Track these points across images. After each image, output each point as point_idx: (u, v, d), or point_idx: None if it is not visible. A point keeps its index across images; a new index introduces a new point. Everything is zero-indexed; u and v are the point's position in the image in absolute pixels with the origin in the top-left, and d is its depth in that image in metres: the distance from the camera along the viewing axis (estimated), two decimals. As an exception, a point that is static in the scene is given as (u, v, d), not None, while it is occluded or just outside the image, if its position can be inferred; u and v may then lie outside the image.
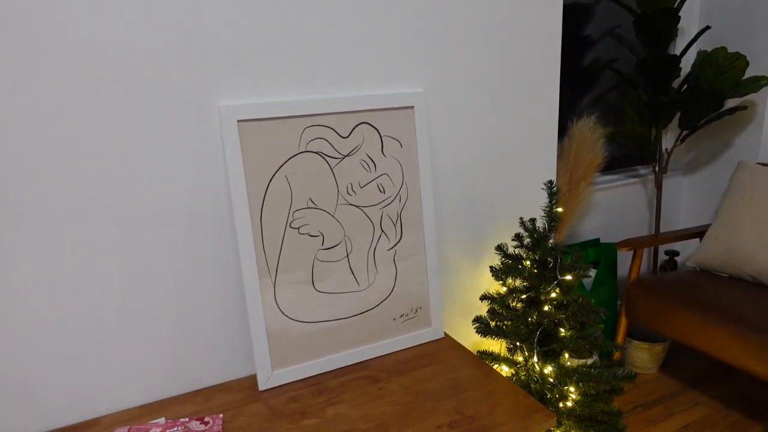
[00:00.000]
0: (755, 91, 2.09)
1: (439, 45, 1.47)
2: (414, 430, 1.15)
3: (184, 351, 1.31)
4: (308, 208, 1.34)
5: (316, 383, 1.35)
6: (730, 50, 2.22)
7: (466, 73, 1.53)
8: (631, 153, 2.68)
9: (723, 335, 1.75)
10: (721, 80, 2.11)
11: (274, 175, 1.29)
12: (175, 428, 1.14)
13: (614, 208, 2.54)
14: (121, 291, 1.22)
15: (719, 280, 2.04)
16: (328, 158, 1.35)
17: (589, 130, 2.03)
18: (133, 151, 1.17)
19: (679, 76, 2.26)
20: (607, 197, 2.50)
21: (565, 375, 1.42)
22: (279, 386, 1.33)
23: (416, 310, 1.51)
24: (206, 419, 1.18)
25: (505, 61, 1.58)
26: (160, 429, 1.14)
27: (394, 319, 1.49)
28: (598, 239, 2.46)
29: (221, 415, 1.20)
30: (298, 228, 1.33)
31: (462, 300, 1.69)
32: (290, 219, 1.32)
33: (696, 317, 1.83)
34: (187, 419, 1.18)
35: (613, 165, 2.64)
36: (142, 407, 1.26)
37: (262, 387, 1.31)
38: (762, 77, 2.11)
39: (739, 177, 2.12)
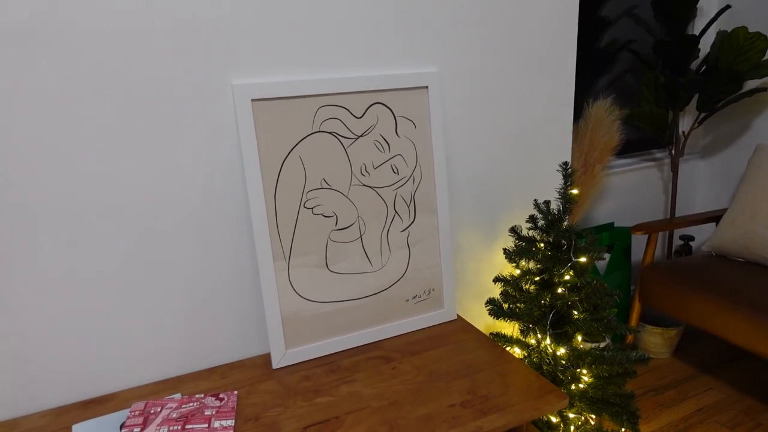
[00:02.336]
0: (776, 73, 2.04)
1: (454, 25, 1.45)
2: (427, 408, 1.15)
3: (200, 330, 1.32)
4: (322, 188, 1.34)
5: (329, 362, 1.36)
6: (750, 30, 2.17)
7: (481, 54, 1.51)
8: (646, 136, 2.65)
9: (739, 320, 1.73)
10: (740, 61, 2.07)
11: (288, 154, 1.29)
12: (191, 404, 1.16)
13: (629, 192, 2.51)
14: (139, 272, 1.23)
15: (735, 265, 2.02)
16: (341, 138, 1.34)
17: (605, 112, 2.01)
18: (147, 132, 1.18)
19: (697, 57, 2.21)
20: (623, 181, 2.48)
21: (577, 357, 1.42)
22: (293, 365, 1.35)
23: (429, 292, 1.52)
24: (221, 395, 1.20)
25: (521, 42, 1.56)
26: (176, 404, 1.16)
27: (407, 301, 1.49)
28: (612, 223, 2.44)
29: (236, 392, 1.22)
30: (312, 208, 1.34)
31: (475, 282, 1.69)
32: (304, 199, 1.32)
33: (711, 302, 1.82)
34: (202, 395, 1.20)
35: (628, 148, 2.60)
36: (158, 383, 1.28)
37: (275, 365, 1.33)
38: (784, 58, 2.07)
39: (757, 160, 2.08)
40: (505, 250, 1.50)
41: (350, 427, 1.10)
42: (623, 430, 1.47)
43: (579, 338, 1.47)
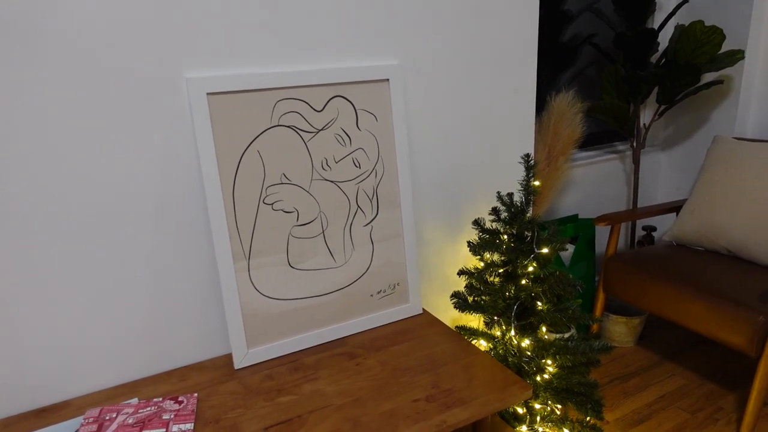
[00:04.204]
0: (731, 65, 2.09)
1: (416, 17, 1.44)
2: (390, 404, 1.14)
3: (158, 331, 1.29)
4: (282, 183, 1.31)
5: (293, 360, 1.33)
6: (707, 24, 2.21)
7: (443, 47, 1.50)
8: (609, 129, 2.68)
9: (699, 308, 1.77)
10: (698, 54, 2.11)
11: (246, 150, 1.26)
12: (149, 408, 1.12)
13: (593, 184, 2.55)
14: (92, 273, 1.18)
15: (695, 253, 2.06)
16: (301, 132, 1.32)
17: (567, 104, 2.02)
18: (98, 129, 1.13)
19: (657, 50, 2.25)
20: (586, 173, 2.51)
21: (542, 348, 1.42)
22: (255, 364, 1.32)
23: (394, 287, 1.50)
24: (180, 398, 1.17)
25: (483, 35, 1.55)
26: (133, 409, 1.12)
27: (372, 296, 1.48)
28: (576, 215, 2.46)
29: (196, 394, 1.19)
30: (272, 204, 1.31)
31: (440, 275, 1.68)
32: (263, 195, 1.29)
33: (672, 290, 1.85)
34: (160, 399, 1.16)
35: (591, 141, 2.64)
36: (114, 388, 1.24)
37: (237, 366, 1.30)
38: (738, 51, 2.11)
39: (715, 151, 2.13)
40: (469, 242, 1.50)
41: (313, 426, 1.09)
42: (588, 418, 1.48)
43: (543, 329, 1.48)
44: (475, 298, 1.51)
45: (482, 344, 1.56)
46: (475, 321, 1.76)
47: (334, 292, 1.42)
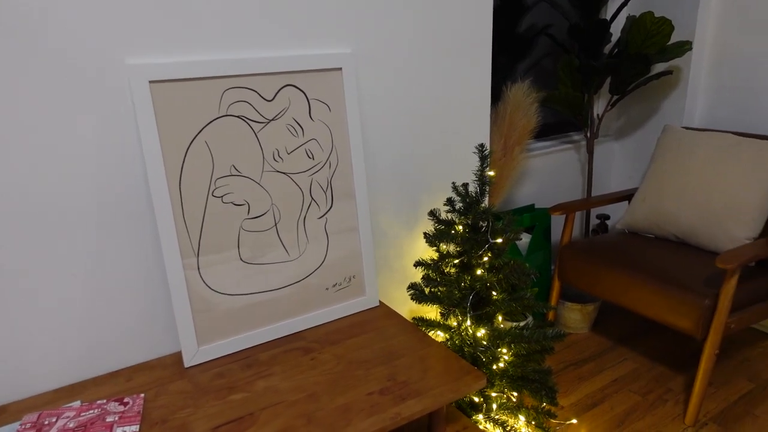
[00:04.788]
0: (680, 56, 2.14)
1: (369, 5, 1.41)
2: (345, 398, 1.13)
3: (103, 330, 1.23)
4: (231, 175, 1.27)
5: (246, 357, 1.30)
6: (656, 15, 2.26)
7: (397, 36, 1.48)
8: (564, 119, 2.72)
9: (649, 293, 1.81)
10: (648, 45, 2.15)
11: (192, 141, 1.21)
12: (91, 411, 1.08)
13: (549, 173, 2.58)
14: (31, 270, 1.12)
15: (646, 240, 2.11)
16: (251, 122, 1.28)
17: (522, 94, 2.04)
18: (29, 120, 1.07)
19: (610, 41, 2.28)
20: (542, 163, 2.54)
21: (497, 337, 1.43)
22: (206, 362, 1.28)
23: (350, 279, 1.49)
24: (126, 400, 1.12)
25: (437, 24, 1.54)
26: (75, 413, 1.07)
27: (327, 289, 1.45)
28: (533, 205, 2.49)
29: (143, 395, 1.14)
30: (221, 197, 1.27)
31: (398, 267, 1.67)
32: (212, 187, 1.25)
33: (623, 277, 1.89)
34: (104, 401, 1.12)
35: (547, 131, 2.67)
36: (55, 391, 1.18)
37: (187, 364, 1.26)
38: (686, 42, 2.16)
39: (664, 141, 2.19)
40: (425, 234, 1.49)
41: (265, 424, 1.06)
42: (543, 404, 1.50)
43: (500, 318, 1.49)
44: (432, 290, 1.51)
45: (440, 335, 1.56)
46: (432, 312, 1.76)
47: (289, 286, 1.39)
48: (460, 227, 1.45)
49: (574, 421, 1.79)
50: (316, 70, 1.35)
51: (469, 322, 1.45)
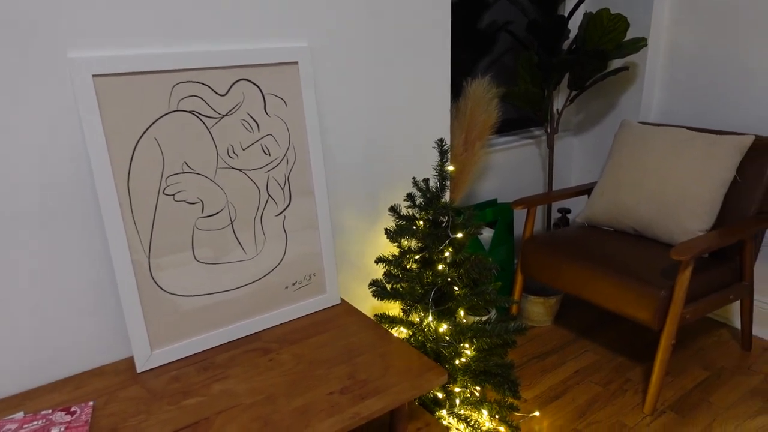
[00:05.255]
0: (635, 52, 2.18)
1: (323, -4, 1.38)
2: (304, 399, 1.10)
3: (48, 337, 1.18)
4: (183, 173, 1.23)
5: (202, 360, 1.26)
6: (612, 11, 2.29)
7: (355, 30, 1.46)
8: (526, 115, 2.75)
9: (607, 285, 1.84)
10: (605, 41, 2.18)
11: (141, 137, 1.17)
12: (35, 422, 1.03)
13: (511, 168, 2.60)
14: (-39, 273, 1.06)
15: (605, 234, 2.15)
16: (204, 118, 1.24)
17: (483, 90, 2.04)
18: (-38, 110, 1.01)
19: (568, 37, 2.31)
20: (504, 158, 2.55)
21: (459, 332, 1.43)
22: (160, 366, 1.24)
23: (310, 277, 1.46)
24: (73, 409, 1.07)
25: (395, 18, 1.52)
26: (17, 425, 1.02)
27: (287, 288, 1.42)
28: (495, 200, 2.51)
29: (91, 403, 1.10)
30: (173, 195, 1.22)
31: (359, 264, 1.65)
32: (163, 185, 1.21)
33: (583, 270, 1.92)
34: (50, 411, 1.07)
35: (509, 127, 2.69)
36: (-3, 402, 1.13)
37: (140, 369, 1.21)
38: (641, 39, 2.20)
39: (621, 135, 2.22)
40: (386, 230, 1.47)
41: (220, 428, 1.03)
42: (506, 398, 1.51)
43: (462, 313, 1.49)
44: (394, 286, 1.49)
45: (403, 331, 1.55)
46: (395, 308, 1.75)
47: (246, 286, 1.36)
48: (421, 223, 1.44)
49: (537, 413, 1.80)
50: (270, 64, 1.31)
51: (431, 318, 1.44)
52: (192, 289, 1.28)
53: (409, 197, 1.44)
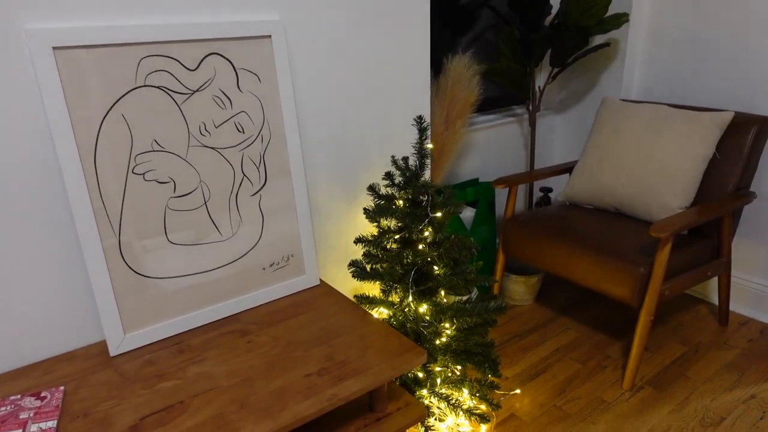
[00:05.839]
0: (617, 28, 2.16)
1: (297, -33, 1.33)
2: (281, 381, 1.08)
3: (16, 320, 1.14)
4: (153, 151, 1.19)
5: (177, 342, 1.24)
6: (595, -12, 2.26)
7: (331, 5, 1.41)
8: (508, 93, 2.72)
9: (587, 263, 1.84)
10: (586, 17, 2.16)
11: (107, 113, 1.12)
12: (3, 408, 1.00)
13: (492, 147, 2.58)
14: None
15: (585, 212, 2.15)
16: (173, 93, 1.19)
17: (464, 67, 2.01)
18: None
19: (550, 13, 2.28)
20: (486, 137, 2.53)
21: (440, 312, 1.42)
22: (134, 350, 1.21)
23: (288, 258, 1.43)
24: (43, 394, 1.04)
25: (372, -11, 1.48)
26: (-17, 411, 0.99)
27: (264, 269, 1.40)
28: (477, 179, 2.49)
29: (62, 388, 1.07)
30: (143, 174, 1.18)
31: (338, 245, 1.63)
32: (132, 164, 1.17)
33: (563, 248, 1.92)
34: (18, 396, 1.03)
35: (490, 105, 2.66)
36: (-37, 389, 1.09)
37: (113, 352, 1.19)
38: (623, 14, 2.18)
39: (602, 113, 2.21)
40: (365, 209, 1.45)
41: (196, 411, 1.01)
42: (486, 376, 1.51)
43: (442, 293, 1.48)
44: (373, 266, 1.47)
45: (383, 312, 1.53)
46: (375, 289, 1.73)
47: (222, 267, 1.33)
48: (401, 202, 1.42)
49: (518, 391, 1.81)
50: (243, 38, 1.27)
51: (411, 299, 1.42)
52: (166, 271, 1.25)
53: (388, 176, 1.41)
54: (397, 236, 1.44)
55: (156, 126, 1.18)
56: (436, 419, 1.50)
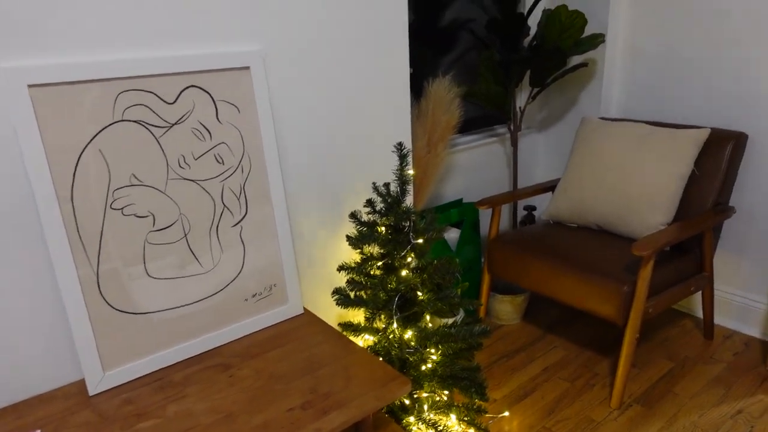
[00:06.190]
0: (593, 48, 2.20)
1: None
2: (264, 416, 1.07)
3: (-10, 362, 1.12)
4: (132, 185, 1.18)
5: (158, 379, 1.22)
6: (570, 8, 2.31)
7: (310, 32, 1.42)
8: (489, 113, 2.75)
9: (572, 282, 1.85)
10: (563, 38, 2.19)
11: (84, 149, 1.11)
12: (-23, 455, 0.97)
13: (476, 167, 2.60)
14: None
15: (569, 230, 2.16)
16: (151, 127, 1.19)
17: (444, 90, 2.03)
18: None
19: (528, 34, 2.32)
20: (469, 157, 2.55)
21: (424, 338, 1.41)
22: (114, 388, 1.19)
23: (270, 288, 1.42)
24: (18, 439, 1.02)
25: (351, 19, 1.49)
26: (-44, 459, 0.96)
27: (247, 300, 1.39)
28: (461, 199, 2.50)
29: (38, 431, 1.04)
30: (122, 209, 1.17)
31: (323, 272, 1.62)
32: (110, 199, 1.16)
33: (547, 267, 1.93)
34: (-7, 442, 1.01)
35: (473, 125, 2.69)
36: (-64, 435, 1.06)
37: (92, 392, 1.16)
38: (599, 35, 2.22)
39: (582, 132, 2.24)
40: (348, 236, 1.45)
41: (176, 452, 0.99)
42: (474, 401, 1.50)
43: (428, 318, 1.47)
44: (357, 293, 1.47)
45: (369, 339, 1.52)
46: (361, 315, 1.72)
47: (204, 300, 1.31)
48: (383, 229, 1.42)
49: (507, 413, 1.80)
50: (221, 70, 1.27)
51: (395, 325, 1.42)
52: (146, 306, 1.23)
53: (369, 203, 1.41)
54: (380, 263, 1.43)
55: (134, 160, 1.17)
56: (424, 447, 1.48)
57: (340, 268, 1.46)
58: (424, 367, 1.44)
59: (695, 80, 2.22)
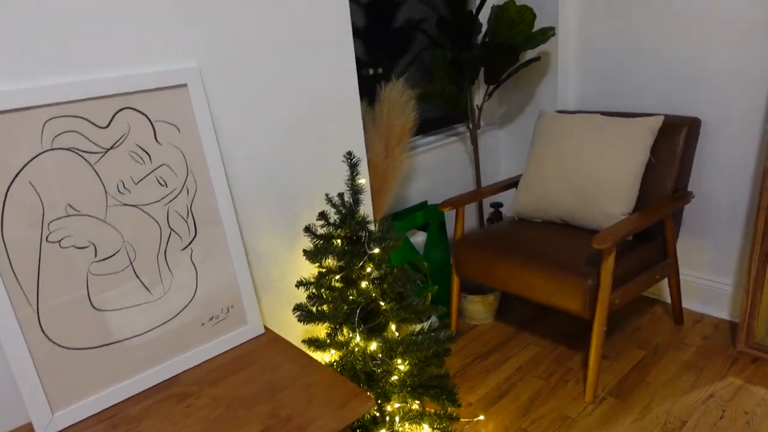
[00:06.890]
0: (544, 42, 2.20)
1: (214, 11, 1.30)
2: (221, 448, 1.03)
3: (-75, 414, 1.05)
4: (68, 216, 1.13)
5: (112, 415, 1.16)
6: (518, 3, 2.31)
7: (249, 43, 1.38)
8: (448, 113, 2.73)
9: (536, 278, 1.84)
10: (514, 34, 2.19)
11: (11, 183, 1.06)
12: None
13: (438, 168, 2.58)
14: None
15: (534, 226, 2.16)
16: (85, 154, 1.14)
17: (398, 93, 2.00)
18: None
19: (480, 31, 2.31)
20: (431, 158, 2.53)
21: (390, 349, 1.38)
22: (66, 428, 1.13)
23: (227, 310, 1.38)
24: (-43, 495, 0.96)
25: (292, 28, 1.45)
26: None
27: (203, 324, 1.34)
28: (425, 202, 2.48)
29: (-20, 485, 0.98)
30: (59, 241, 1.12)
31: (283, 288, 1.58)
32: (46, 232, 1.10)
33: (512, 265, 1.91)
34: (-70, 501, 0.95)
35: (432, 126, 2.67)
36: None
37: (40, 436, 1.10)
38: (549, 28, 2.22)
39: (540, 126, 2.24)
40: (304, 251, 1.41)
41: (128, 494, 0.94)
42: (446, 408, 1.48)
43: (393, 327, 1.44)
44: (319, 308, 1.43)
45: (334, 354, 1.48)
46: (325, 331, 1.68)
47: (156, 329, 1.26)
48: (338, 241, 1.38)
49: (482, 417, 1.78)
50: (156, 89, 1.22)
51: (358, 338, 1.38)
52: (93, 341, 1.18)
53: (322, 215, 1.38)
54: (338, 276, 1.40)
55: (69, 189, 1.12)
56: (398, 459, 1.45)
57: (299, 284, 1.42)
58: (392, 379, 1.41)
59: (648, 67, 2.24)
